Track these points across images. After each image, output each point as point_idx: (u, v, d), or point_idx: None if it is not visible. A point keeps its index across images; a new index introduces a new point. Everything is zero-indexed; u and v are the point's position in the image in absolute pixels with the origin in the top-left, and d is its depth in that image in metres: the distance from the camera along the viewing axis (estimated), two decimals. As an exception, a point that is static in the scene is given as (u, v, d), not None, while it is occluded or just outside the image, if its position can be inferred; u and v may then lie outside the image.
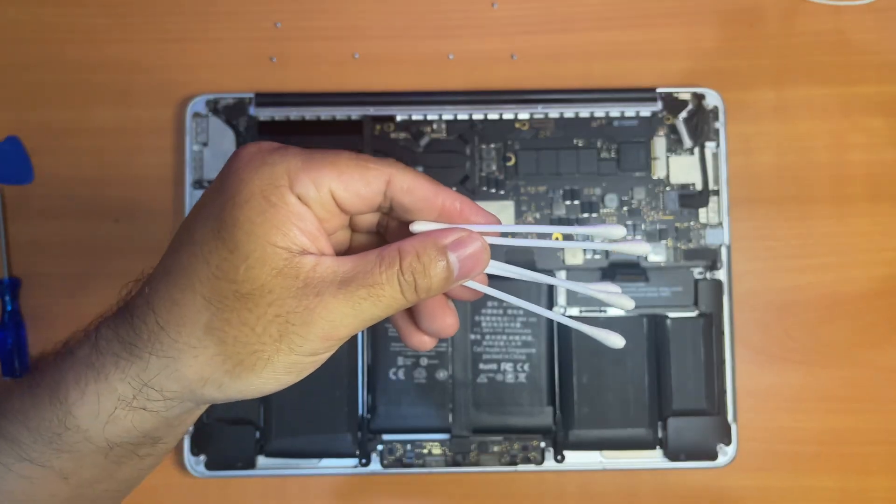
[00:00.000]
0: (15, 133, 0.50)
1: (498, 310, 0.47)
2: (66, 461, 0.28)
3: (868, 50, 0.50)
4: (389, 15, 0.51)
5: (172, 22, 0.50)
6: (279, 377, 0.26)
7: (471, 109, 0.48)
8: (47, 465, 0.28)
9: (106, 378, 0.26)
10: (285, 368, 0.26)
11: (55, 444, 0.27)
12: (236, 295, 0.25)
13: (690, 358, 0.47)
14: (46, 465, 0.28)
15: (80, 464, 0.28)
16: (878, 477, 0.48)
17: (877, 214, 0.49)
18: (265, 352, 0.25)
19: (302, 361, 0.27)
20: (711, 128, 0.48)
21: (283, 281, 0.25)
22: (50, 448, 0.27)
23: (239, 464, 0.46)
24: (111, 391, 0.26)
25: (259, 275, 0.24)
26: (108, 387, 0.26)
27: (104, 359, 0.26)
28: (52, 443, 0.27)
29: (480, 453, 0.47)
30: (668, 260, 0.48)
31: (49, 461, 0.27)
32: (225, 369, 0.26)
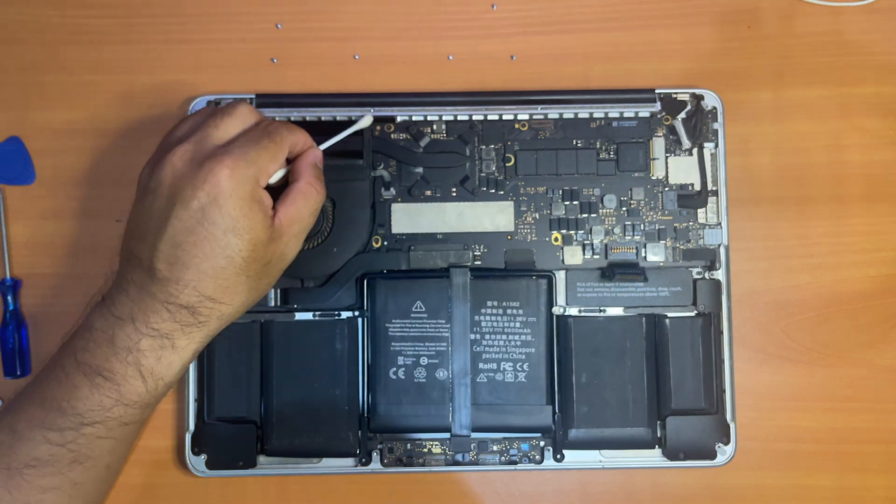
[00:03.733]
0: (16, 133, 0.50)
1: (497, 309, 0.47)
2: (147, 411, 0.40)
3: (866, 51, 0.50)
4: (389, 16, 0.51)
5: (173, 23, 0.50)
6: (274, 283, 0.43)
7: (470, 110, 0.48)
8: (137, 422, 0.40)
9: (181, 348, 0.38)
10: (278, 276, 0.42)
11: (149, 404, 0.39)
12: (262, 264, 0.39)
13: (689, 357, 0.47)
14: (137, 422, 0.40)
15: (154, 407, 0.40)
16: (876, 476, 0.48)
17: (875, 214, 0.50)
18: (276, 277, 0.42)
19: (288, 263, 0.42)
20: (710, 128, 0.48)
21: (275, 243, 0.39)
22: (142, 410, 0.39)
23: (239, 463, 0.46)
24: (186, 353, 0.39)
25: (268, 247, 0.39)
26: (184, 352, 0.39)
27: (174, 340, 0.38)
28: (148, 405, 0.39)
29: (480, 453, 0.47)
30: (667, 260, 0.48)
31: (140, 417, 0.39)
32: (256, 300, 0.41)
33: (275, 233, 0.39)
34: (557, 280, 0.48)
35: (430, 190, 0.48)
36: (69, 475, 0.38)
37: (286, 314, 0.47)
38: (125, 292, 0.38)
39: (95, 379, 0.38)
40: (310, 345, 0.47)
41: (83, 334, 0.38)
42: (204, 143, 0.38)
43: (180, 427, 0.48)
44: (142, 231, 0.38)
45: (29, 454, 0.37)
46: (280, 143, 0.40)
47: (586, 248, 0.48)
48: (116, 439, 0.39)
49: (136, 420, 0.39)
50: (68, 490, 0.38)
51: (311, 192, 0.40)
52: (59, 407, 0.38)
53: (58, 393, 0.38)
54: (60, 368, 0.38)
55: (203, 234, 0.37)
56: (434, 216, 0.48)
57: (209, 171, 0.37)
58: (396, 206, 0.48)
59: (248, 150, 0.38)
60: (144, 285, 0.38)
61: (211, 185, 0.37)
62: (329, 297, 0.47)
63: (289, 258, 0.41)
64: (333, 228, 0.47)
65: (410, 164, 0.48)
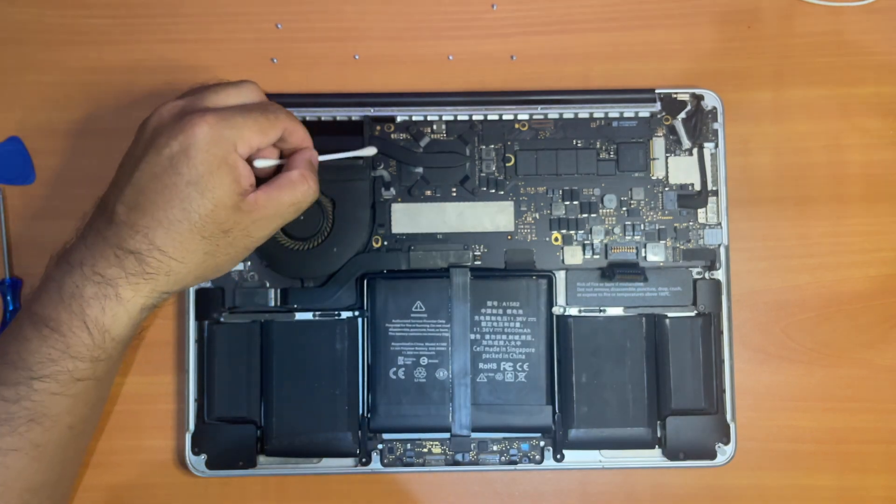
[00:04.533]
0: (16, 133, 0.50)
1: (497, 310, 0.47)
2: (101, 367, 0.39)
3: (866, 51, 0.50)
4: (389, 16, 0.51)
5: (174, 23, 0.50)
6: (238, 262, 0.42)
7: (470, 110, 0.48)
8: (90, 378, 0.38)
9: (126, 300, 0.38)
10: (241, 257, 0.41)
11: (99, 359, 0.38)
12: (221, 230, 0.38)
13: (689, 357, 0.47)
14: (90, 378, 0.38)
15: (109, 364, 0.39)
16: (876, 475, 0.48)
17: (874, 214, 0.50)
18: (238, 255, 0.40)
19: (252, 248, 0.41)
20: (710, 128, 0.48)
21: (241, 214, 0.38)
22: (93, 364, 0.38)
23: (239, 463, 0.46)
24: (133, 307, 0.38)
25: (232, 215, 0.38)
26: (129, 305, 0.38)
27: (117, 288, 0.37)
28: (98, 360, 0.38)
29: (480, 453, 0.47)
30: (667, 260, 0.48)
31: (93, 373, 0.38)
32: (213, 270, 0.40)
33: (245, 205, 0.38)
34: (557, 280, 0.48)
35: (430, 190, 0.48)
36: (28, 436, 0.37)
37: (286, 314, 0.47)
38: (83, 239, 0.38)
39: (43, 330, 0.37)
40: (310, 345, 0.47)
41: (39, 286, 0.39)
42: (197, 102, 0.38)
43: (180, 427, 0.48)
44: (117, 178, 0.39)
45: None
46: (273, 121, 0.39)
47: (586, 248, 0.48)
48: (72, 396, 0.38)
49: (89, 376, 0.38)
50: (30, 452, 0.38)
51: (301, 184, 0.39)
52: (11, 361, 0.37)
53: (10, 347, 0.38)
54: (16, 322, 0.38)
55: (166, 182, 0.37)
56: (434, 216, 0.48)
57: (189, 122, 0.37)
58: (396, 206, 0.48)
59: (235, 115, 0.38)
60: (101, 230, 0.38)
61: (186, 135, 0.36)
62: (329, 297, 0.47)
63: (255, 238, 0.40)
64: (333, 228, 0.47)
65: (410, 164, 0.48)
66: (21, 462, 0.38)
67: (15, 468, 0.38)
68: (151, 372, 0.49)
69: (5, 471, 0.37)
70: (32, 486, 0.39)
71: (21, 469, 0.38)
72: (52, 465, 0.39)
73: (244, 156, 0.38)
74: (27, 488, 0.38)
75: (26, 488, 0.38)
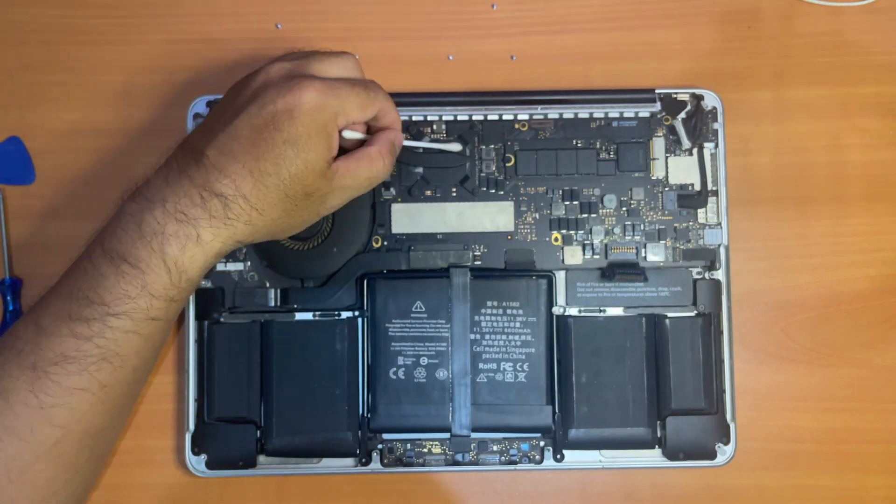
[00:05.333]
0: (16, 133, 0.50)
1: (497, 310, 0.47)
2: (174, 308, 0.39)
3: (866, 51, 0.50)
4: (389, 16, 0.51)
5: (173, 23, 0.50)
6: (306, 226, 0.42)
7: (470, 110, 0.48)
8: (162, 318, 0.39)
9: (205, 243, 0.38)
10: (310, 222, 0.42)
11: (173, 299, 0.39)
12: (304, 192, 0.39)
13: (689, 357, 0.47)
14: (162, 318, 0.39)
15: (180, 305, 0.40)
16: (876, 475, 0.48)
17: (874, 214, 0.50)
18: (309, 219, 0.42)
19: (322, 215, 0.42)
20: (710, 128, 0.48)
21: (324, 181, 0.39)
22: (167, 303, 0.38)
23: (239, 463, 0.46)
24: (210, 249, 0.38)
25: (316, 180, 0.39)
26: (207, 248, 0.38)
27: (199, 229, 0.37)
28: (172, 300, 0.39)
29: (480, 453, 0.47)
30: (667, 260, 0.48)
31: (166, 314, 0.39)
32: (283, 230, 0.41)
33: (329, 172, 0.39)
34: (557, 280, 0.48)
35: (430, 190, 0.48)
36: (97, 376, 0.37)
37: (286, 314, 0.47)
38: (163, 176, 0.38)
39: (121, 266, 0.37)
40: (310, 345, 0.47)
41: (112, 221, 0.38)
42: (303, 67, 0.39)
43: (180, 427, 0.48)
44: (209, 125, 0.39)
45: (55, 350, 0.37)
46: (373, 98, 0.40)
47: (586, 248, 0.48)
48: (143, 336, 0.38)
49: (161, 316, 0.38)
50: (97, 392, 0.37)
51: (378, 160, 0.41)
52: (86, 297, 0.37)
53: (84, 283, 0.37)
54: (87, 259, 0.38)
55: (264, 136, 0.37)
56: (434, 216, 0.48)
57: (298, 84, 0.38)
58: (396, 206, 0.48)
59: (342, 87, 0.39)
60: (186, 169, 0.38)
61: (294, 95, 0.37)
62: (329, 297, 0.47)
63: (328, 205, 0.41)
64: (333, 228, 0.47)
65: (410, 164, 0.48)
66: (87, 403, 0.37)
67: (79, 409, 0.37)
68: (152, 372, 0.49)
69: (69, 412, 0.37)
70: (93, 430, 0.38)
71: (85, 411, 0.37)
72: (113, 408, 0.39)
73: (341, 127, 0.40)
74: (88, 432, 0.38)
75: (87, 432, 0.38)
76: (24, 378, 0.37)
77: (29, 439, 0.36)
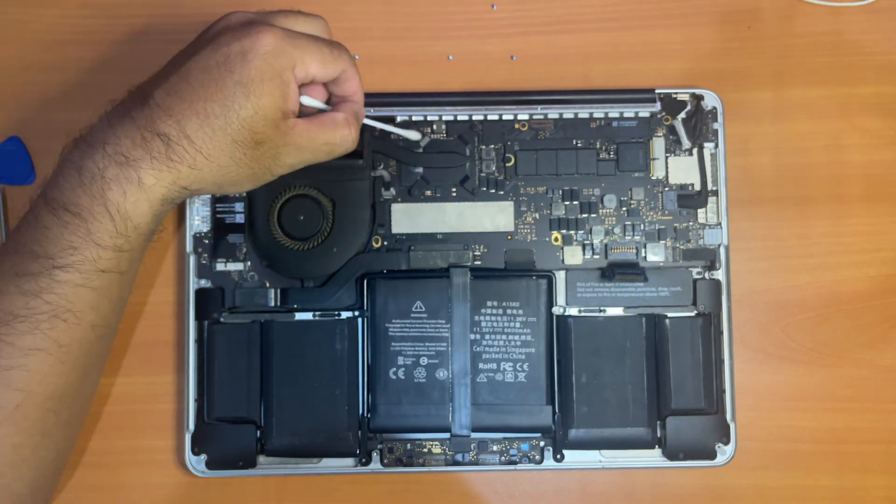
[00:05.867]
0: (17, 133, 0.50)
1: (497, 310, 0.47)
2: (124, 259, 0.37)
3: (866, 51, 0.50)
4: (389, 16, 0.51)
5: (173, 23, 0.50)
6: (258, 184, 0.40)
7: (470, 110, 0.48)
8: (114, 270, 0.37)
9: (147, 187, 0.36)
10: (262, 180, 0.40)
11: (122, 249, 0.37)
12: (254, 139, 0.37)
13: (689, 357, 0.47)
14: (113, 270, 0.37)
15: (132, 257, 0.38)
16: (876, 475, 0.48)
17: (874, 214, 0.50)
18: (259, 175, 0.39)
19: (276, 174, 0.40)
20: (710, 128, 0.48)
21: (277, 132, 0.37)
22: (116, 254, 0.37)
23: (239, 463, 0.46)
24: (154, 194, 0.36)
25: (267, 129, 0.37)
26: (151, 192, 0.36)
27: (140, 172, 0.36)
28: (121, 251, 0.37)
29: (480, 452, 0.47)
30: (667, 260, 0.48)
31: (117, 265, 0.37)
32: (233, 181, 0.39)
33: (283, 125, 0.37)
34: (557, 280, 0.48)
35: (430, 190, 0.48)
36: (51, 334, 0.36)
37: (286, 314, 0.47)
38: (106, 121, 0.37)
39: (63, 216, 0.36)
40: (310, 345, 0.47)
41: (55, 172, 0.37)
42: (268, 17, 0.39)
43: (180, 427, 0.48)
44: (165, 70, 0.38)
45: (4, 309, 0.36)
46: (336, 57, 0.39)
47: (586, 248, 0.48)
48: (95, 290, 0.37)
49: (112, 268, 0.37)
50: (54, 352, 0.36)
51: (343, 127, 0.39)
52: (31, 251, 0.36)
53: (28, 237, 0.36)
54: (31, 212, 0.37)
55: (214, 76, 0.36)
56: (434, 216, 0.48)
57: (256, 29, 0.37)
58: (396, 206, 0.48)
59: (303, 38, 0.38)
60: (130, 111, 0.37)
61: (250, 39, 0.36)
62: (329, 297, 0.47)
63: (280, 163, 0.39)
64: (333, 228, 0.47)
65: (410, 164, 0.48)
66: (44, 364, 0.36)
67: (38, 371, 0.36)
68: (151, 372, 0.49)
69: (27, 374, 0.36)
70: (56, 393, 0.37)
71: (45, 373, 0.36)
72: (75, 368, 0.38)
73: (299, 79, 0.38)
74: (50, 395, 0.37)
75: (49, 395, 0.37)
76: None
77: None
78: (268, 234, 0.47)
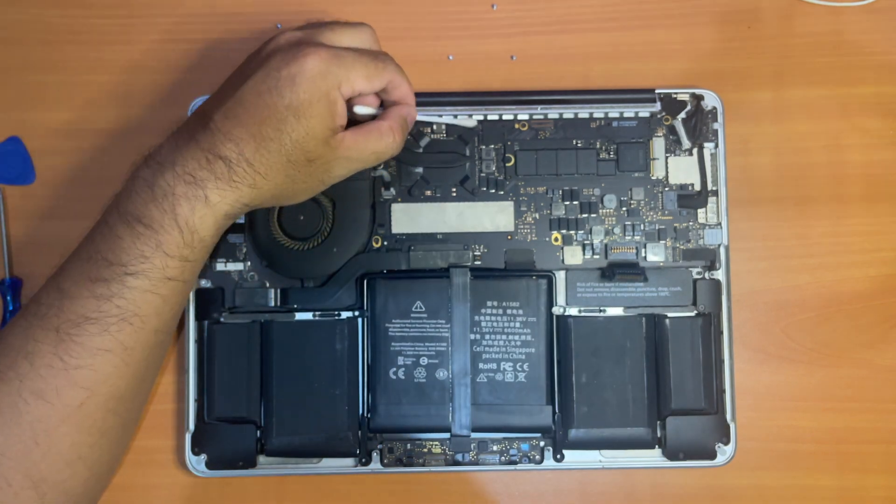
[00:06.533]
0: (16, 133, 0.50)
1: (497, 310, 0.47)
2: (189, 268, 0.40)
3: (866, 51, 0.50)
4: (389, 16, 0.51)
5: (174, 23, 0.50)
6: (312, 195, 0.43)
7: (470, 110, 0.48)
8: (179, 279, 0.39)
9: (213, 204, 0.39)
10: (316, 191, 0.42)
11: (188, 260, 0.39)
12: (307, 158, 0.39)
13: (689, 357, 0.47)
14: (179, 279, 0.39)
15: (195, 267, 0.40)
16: (876, 475, 0.48)
17: (874, 214, 0.50)
18: (314, 187, 0.42)
19: (328, 184, 0.42)
20: (710, 128, 0.48)
21: (327, 149, 0.40)
22: (182, 263, 0.39)
23: (239, 463, 0.46)
24: (218, 211, 0.39)
25: (318, 147, 0.39)
26: (216, 208, 0.39)
27: (206, 190, 0.38)
28: (187, 261, 0.39)
29: (480, 453, 0.47)
30: (667, 260, 0.48)
31: (182, 274, 0.39)
32: (289, 196, 0.42)
33: (333, 141, 0.39)
34: (557, 280, 0.48)
35: (430, 190, 0.48)
36: (118, 337, 0.38)
37: (286, 314, 0.47)
38: (174, 142, 0.39)
39: (136, 227, 0.38)
40: (310, 345, 0.47)
41: (127, 186, 0.40)
42: (314, 36, 0.40)
43: (180, 427, 0.48)
44: (220, 92, 0.40)
45: (77, 312, 0.38)
46: (381, 70, 0.40)
47: (586, 248, 0.48)
48: (160, 296, 0.39)
49: (178, 276, 0.39)
50: (120, 354, 0.38)
51: (387, 135, 0.41)
52: (104, 258, 0.38)
53: (102, 246, 0.39)
54: (104, 222, 0.39)
55: (267, 101, 0.38)
56: (434, 216, 0.48)
57: (302, 52, 0.38)
58: (396, 206, 0.48)
59: (347, 55, 0.39)
60: (194, 134, 0.39)
61: (297, 63, 0.38)
62: (329, 297, 0.47)
63: (332, 174, 0.41)
64: (333, 228, 0.47)
65: (410, 164, 0.48)
66: (110, 365, 0.38)
67: (103, 371, 0.38)
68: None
69: (93, 374, 0.38)
70: (118, 393, 0.39)
71: (109, 373, 0.38)
72: (138, 371, 0.40)
73: (346, 96, 0.40)
74: (112, 395, 0.39)
75: (112, 395, 0.39)
76: (49, 341, 0.37)
77: (54, 402, 0.37)
78: (268, 234, 0.47)
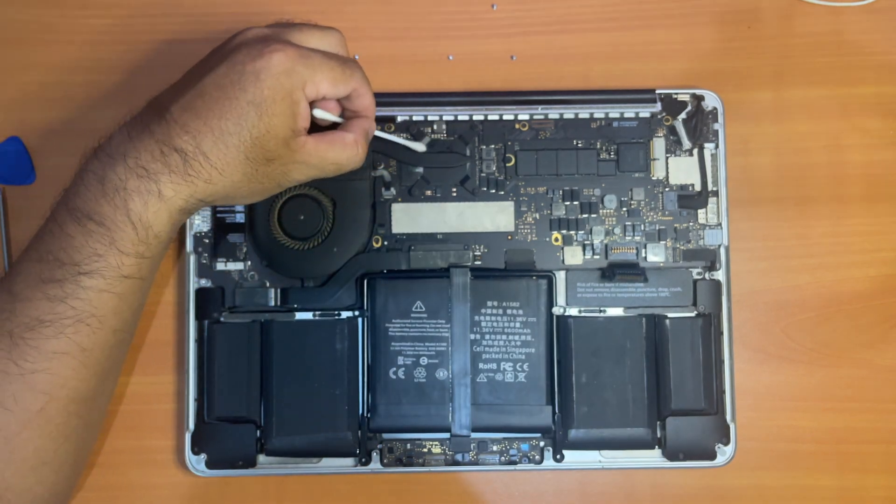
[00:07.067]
0: (16, 133, 0.50)
1: (497, 310, 0.47)
2: (145, 265, 0.39)
3: (866, 51, 0.50)
4: (390, 16, 0.51)
5: (173, 23, 0.50)
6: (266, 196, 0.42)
7: (471, 110, 0.48)
8: (135, 276, 0.38)
9: (167, 198, 0.37)
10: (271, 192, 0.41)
11: (144, 257, 0.38)
12: (265, 157, 0.38)
13: (689, 358, 0.47)
14: (135, 276, 0.38)
15: (152, 263, 0.39)
16: (876, 476, 0.48)
17: (875, 215, 0.50)
18: (270, 188, 0.41)
19: (283, 187, 0.41)
20: (710, 129, 0.48)
21: (287, 150, 0.39)
22: (137, 260, 0.38)
23: (239, 463, 0.46)
24: (172, 206, 0.38)
25: (278, 147, 0.38)
26: (170, 203, 0.37)
27: (159, 185, 0.37)
28: (143, 258, 0.38)
29: (480, 453, 0.47)
30: (668, 260, 0.48)
31: (138, 271, 0.38)
32: (244, 195, 0.40)
33: (294, 143, 0.39)
34: (557, 280, 0.48)
35: (430, 190, 0.48)
36: (75, 339, 0.37)
37: (286, 314, 0.47)
38: (126, 133, 0.38)
39: (87, 224, 0.37)
40: (310, 345, 0.47)
41: (76, 180, 0.38)
42: (282, 34, 0.39)
43: (180, 427, 0.48)
44: (179, 84, 0.39)
45: (30, 315, 0.36)
46: (347, 77, 0.39)
47: (586, 249, 0.48)
48: (118, 295, 0.38)
49: (134, 274, 0.38)
50: (77, 356, 0.37)
51: (351, 147, 0.40)
52: (56, 258, 0.37)
53: (52, 245, 0.37)
54: (54, 221, 0.38)
55: (229, 94, 0.37)
56: (434, 216, 0.48)
57: (269, 48, 0.37)
58: (396, 206, 0.48)
59: (315, 56, 0.38)
60: (149, 125, 0.38)
61: (263, 59, 0.37)
62: (329, 297, 0.47)
63: (290, 178, 0.40)
64: (333, 228, 0.47)
65: (410, 164, 0.48)
66: (68, 368, 0.37)
67: (62, 374, 0.37)
68: (151, 372, 0.49)
69: (51, 378, 0.37)
70: (78, 396, 0.38)
71: (68, 376, 0.37)
72: (97, 372, 0.39)
73: (309, 98, 0.39)
74: (73, 398, 0.38)
75: (72, 398, 0.38)
76: (2, 346, 0.36)
77: (13, 408, 0.36)
78: (268, 233, 0.47)
